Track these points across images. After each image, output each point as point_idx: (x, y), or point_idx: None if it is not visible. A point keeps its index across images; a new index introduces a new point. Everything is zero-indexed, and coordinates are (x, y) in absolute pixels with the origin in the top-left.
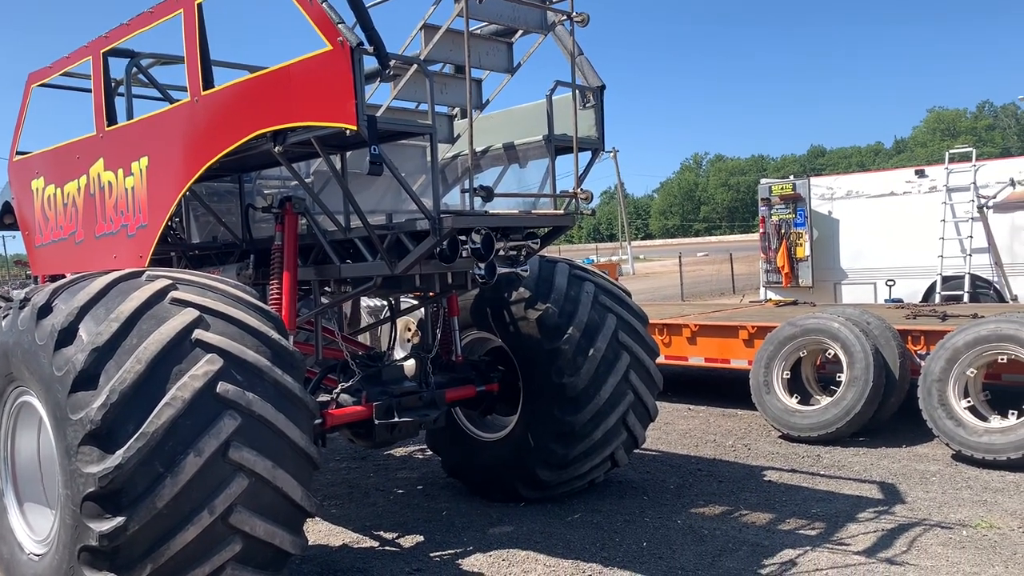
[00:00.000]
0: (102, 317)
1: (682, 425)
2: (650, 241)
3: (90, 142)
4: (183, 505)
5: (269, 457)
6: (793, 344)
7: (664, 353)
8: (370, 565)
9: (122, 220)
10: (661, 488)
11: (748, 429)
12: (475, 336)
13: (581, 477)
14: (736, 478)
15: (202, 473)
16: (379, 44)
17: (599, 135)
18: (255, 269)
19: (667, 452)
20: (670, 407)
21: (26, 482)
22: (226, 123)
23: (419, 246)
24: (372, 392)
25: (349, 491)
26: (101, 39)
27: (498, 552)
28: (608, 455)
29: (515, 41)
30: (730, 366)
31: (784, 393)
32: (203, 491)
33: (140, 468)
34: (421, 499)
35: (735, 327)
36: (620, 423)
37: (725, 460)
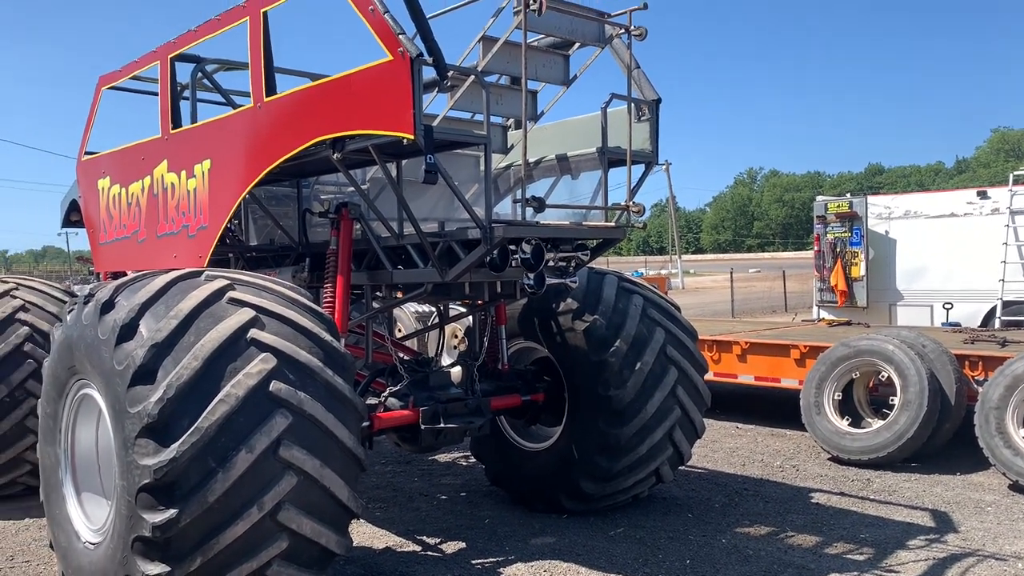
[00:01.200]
0: (162, 314)
1: (729, 443)
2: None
3: (155, 144)
4: (233, 500)
5: (318, 456)
6: (846, 365)
7: (713, 370)
8: (412, 570)
9: (183, 221)
10: (706, 506)
11: (797, 450)
12: (522, 345)
13: (625, 491)
14: (783, 499)
15: (252, 469)
16: (438, 55)
17: (653, 148)
18: (310, 272)
19: (713, 470)
20: (718, 424)
21: (84, 472)
22: (287, 129)
23: (470, 254)
24: (419, 397)
25: (393, 494)
26: (169, 44)
27: (540, 563)
28: (653, 470)
29: (572, 53)
30: (780, 385)
31: (835, 415)
32: (253, 487)
33: (193, 462)
34: (464, 506)
35: (787, 346)
36: (666, 438)
37: (772, 480)
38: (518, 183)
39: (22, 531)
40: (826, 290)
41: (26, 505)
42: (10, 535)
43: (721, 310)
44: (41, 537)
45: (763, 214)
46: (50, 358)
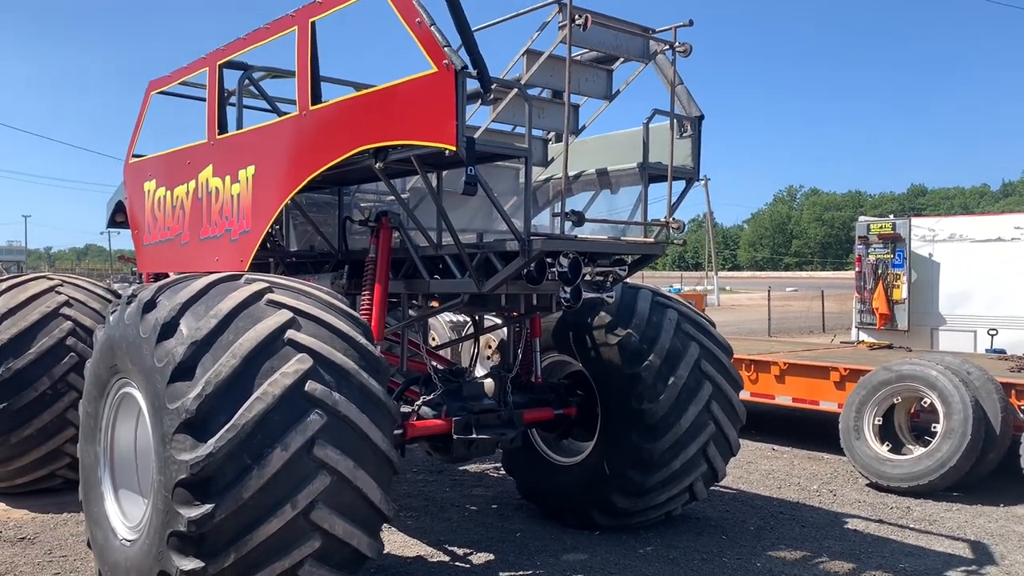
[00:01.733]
0: (202, 314)
1: (765, 465)
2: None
3: (201, 149)
4: (267, 497)
5: (351, 457)
6: (887, 390)
7: (750, 390)
8: None
9: (226, 225)
10: (741, 528)
11: (834, 474)
12: (556, 359)
13: (658, 507)
14: (820, 524)
15: (287, 467)
16: (483, 68)
17: (695, 165)
18: (348, 279)
19: (748, 492)
20: (753, 446)
21: (122, 470)
22: (331, 138)
23: (507, 266)
24: (452, 407)
25: (425, 504)
26: (218, 52)
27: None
28: (687, 487)
29: (615, 68)
30: (819, 408)
31: (875, 440)
32: (287, 485)
33: (229, 458)
34: (495, 518)
35: (826, 368)
36: (700, 454)
37: (809, 504)
38: (557, 196)
39: (60, 526)
40: (866, 312)
41: (64, 500)
42: (48, 529)
43: (757, 329)
44: (78, 532)
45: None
46: (93, 358)
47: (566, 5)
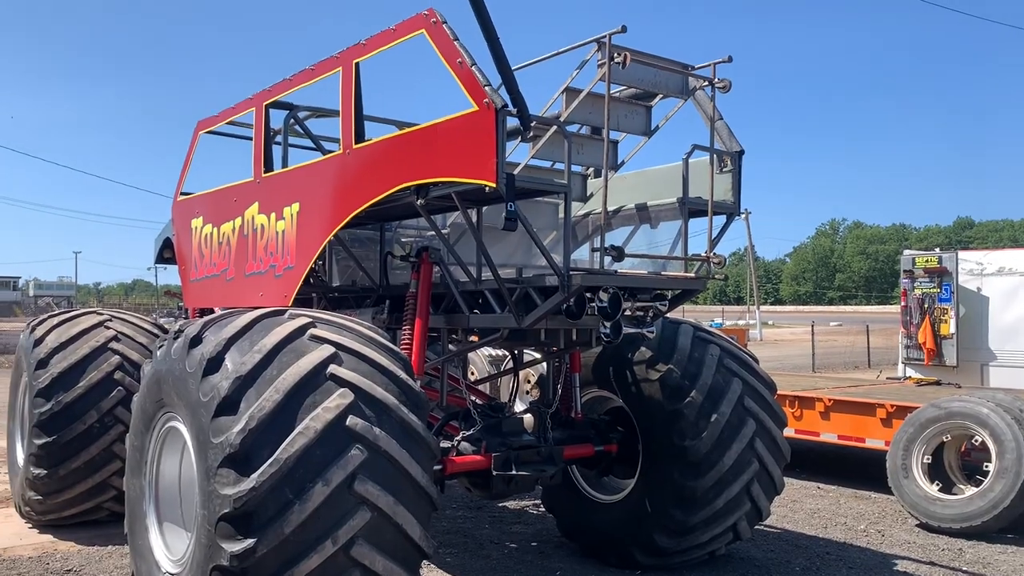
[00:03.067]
0: (246, 349)
1: (810, 504)
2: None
3: (247, 187)
4: (308, 533)
5: (391, 492)
6: (936, 427)
7: (795, 426)
8: None
9: (271, 260)
10: (786, 569)
11: (882, 514)
12: (596, 394)
13: (701, 547)
14: (868, 565)
15: (328, 503)
16: (523, 106)
17: (735, 200)
18: (389, 314)
19: (793, 531)
20: (798, 484)
21: (167, 504)
22: (374, 175)
23: (547, 301)
24: (492, 443)
25: (464, 541)
26: (264, 92)
27: None
28: (730, 526)
29: (654, 104)
30: (865, 445)
31: (924, 479)
32: (328, 520)
33: (272, 493)
34: (535, 556)
35: (872, 404)
36: (744, 492)
37: (856, 545)
38: (596, 231)
39: (104, 558)
40: (913, 347)
41: (109, 532)
42: (93, 561)
43: (801, 364)
44: (123, 565)
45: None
46: (140, 392)
47: (605, 44)
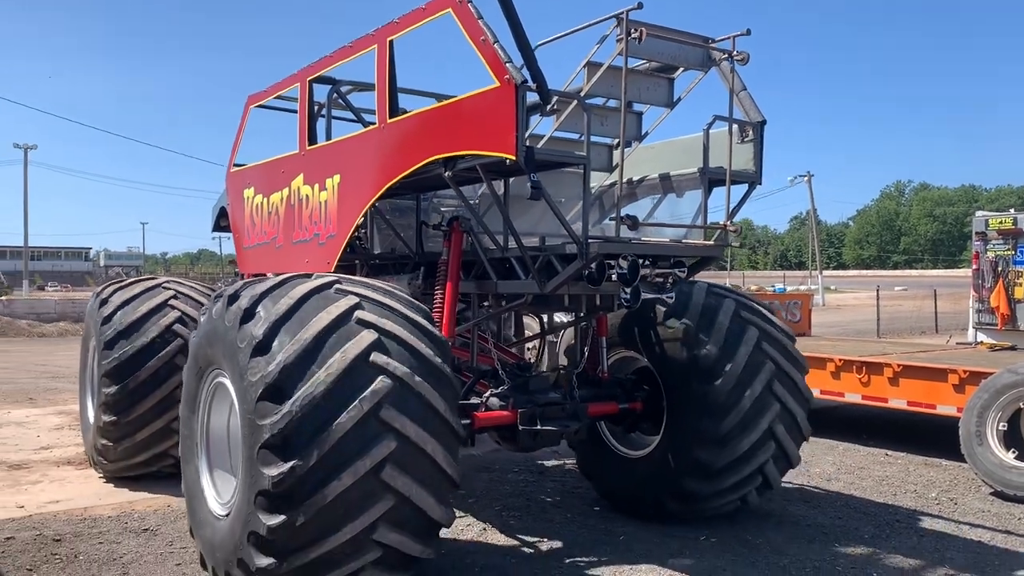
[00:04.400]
0: (278, 299)
1: (878, 471)
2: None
3: (293, 159)
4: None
5: (417, 422)
6: (1012, 394)
7: (862, 392)
8: None
9: (315, 229)
10: (854, 536)
11: (954, 481)
12: (623, 355)
13: (731, 490)
14: (940, 534)
15: (356, 429)
16: (542, 82)
17: (757, 169)
18: (424, 280)
19: (861, 498)
20: (865, 451)
21: (217, 453)
22: (406, 148)
23: (567, 268)
24: (519, 399)
25: (527, 504)
26: (308, 68)
27: (630, 569)
28: (757, 468)
29: (677, 76)
30: (936, 412)
31: (999, 446)
32: (357, 446)
33: (304, 421)
34: (597, 520)
35: (944, 370)
36: (767, 433)
37: (927, 513)
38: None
39: (179, 519)
40: (985, 311)
41: None
42: (169, 522)
43: (865, 329)
44: None
45: (911, 229)
46: (189, 357)
47: (623, 19)
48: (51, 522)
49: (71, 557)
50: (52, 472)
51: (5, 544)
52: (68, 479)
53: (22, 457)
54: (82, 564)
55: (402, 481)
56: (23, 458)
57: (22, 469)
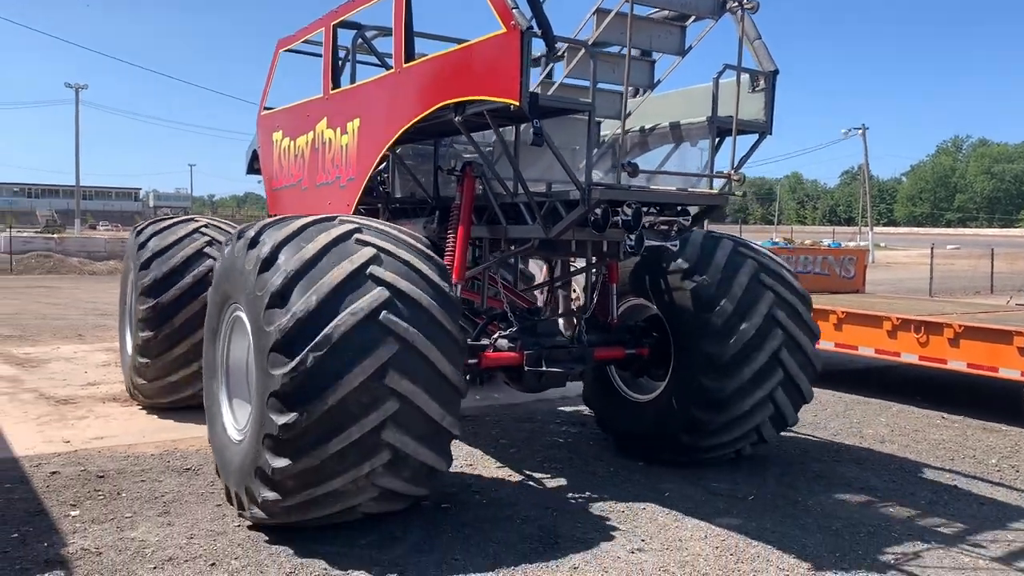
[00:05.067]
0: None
1: (934, 435)
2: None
3: (318, 103)
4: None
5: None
6: None
7: (918, 353)
8: (590, 536)
9: (336, 172)
10: (910, 501)
11: (1016, 448)
12: (635, 302)
13: (724, 446)
14: (1002, 502)
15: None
16: (547, 27)
17: (767, 119)
18: (439, 224)
19: (915, 461)
20: (920, 413)
21: (235, 382)
22: (419, 93)
23: (570, 214)
24: (527, 342)
25: (570, 456)
26: (332, 13)
27: (725, 544)
28: (753, 427)
29: (688, 25)
30: (998, 375)
31: None
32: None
33: (312, 375)
34: (641, 475)
35: (1009, 332)
36: (767, 399)
37: (987, 479)
38: (634, 148)
39: None
40: None
41: None
42: (211, 461)
43: (916, 288)
44: None
45: (967, 186)
46: (211, 287)
47: None
48: (95, 458)
49: (113, 494)
50: (98, 408)
51: (50, 479)
52: (113, 415)
53: (69, 392)
54: (124, 501)
55: (402, 439)
56: (70, 393)
57: (69, 404)
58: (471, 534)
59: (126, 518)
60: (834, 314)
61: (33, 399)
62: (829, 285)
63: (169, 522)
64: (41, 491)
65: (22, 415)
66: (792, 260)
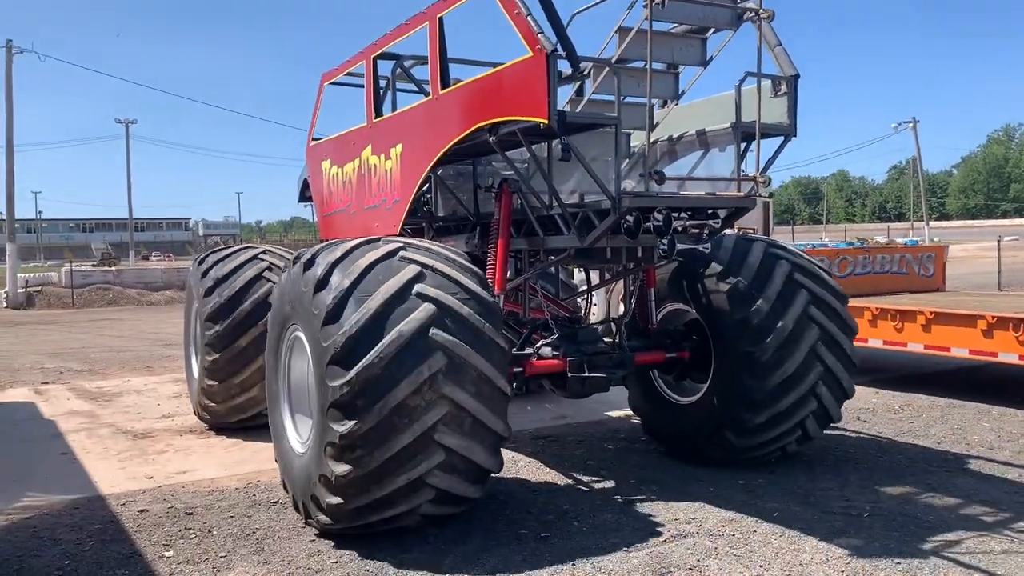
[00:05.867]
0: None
1: None
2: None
3: (362, 131)
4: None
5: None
6: None
7: (1020, 352)
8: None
9: (382, 196)
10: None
11: None
12: (674, 307)
13: (769, 443)
14: None
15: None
16: (571, 50)
17: (791, 122)
18: (480, 239)
19: (1006, 463)
20: (1021, 415)
21: (297, 398)
22: (455, 117)
23: (603, 222)
24: (569, 349)
25: (663, 477)
26: (371, 46)
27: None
28: (797, 424)
29: (709, 36)
30: None
31: None
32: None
33: (368, 385)
34: (743, 495)
35: None
36: (809, 394)
37: None
38: (664, 156)
39: None
40: None
41: None
42: None
43: (982, 283)
44: None
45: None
46: (272, 309)
47: None
48: (180, 494)
49: (204, 532)
50: (176, 441)
51: (139, 517)
52: (191, 448)
53: (145, 426)
54: (216, 539)
55: (454, 440)
56: (146, 427)
57: (147, 438)
58: (581, 565)
59: (221, 558)
60: (922, 315)
61: (111, 434)
62: (908, 285)
63: (264, 560)
64: (132, 531)
65: (103, 451)
66: (869, 260)
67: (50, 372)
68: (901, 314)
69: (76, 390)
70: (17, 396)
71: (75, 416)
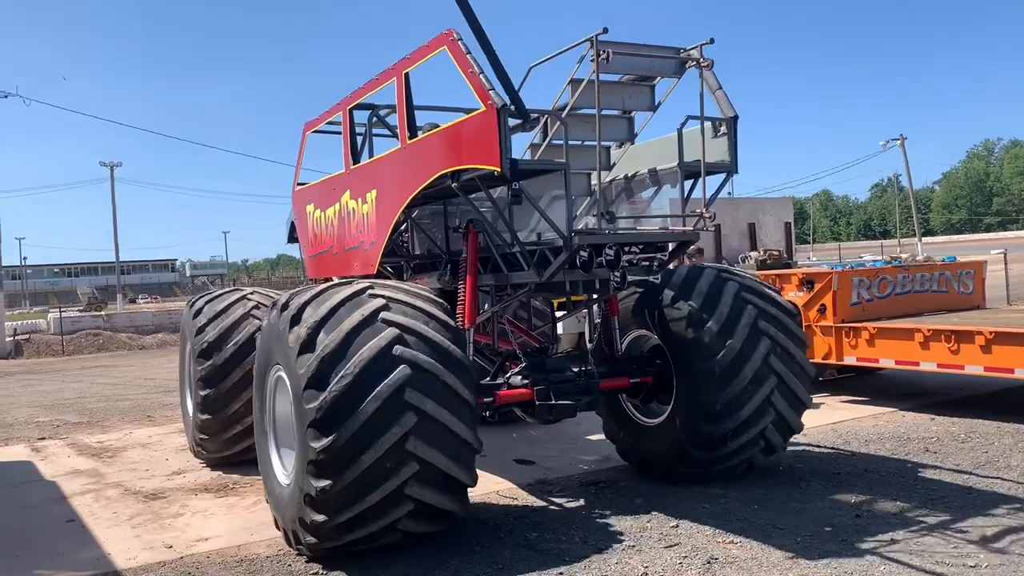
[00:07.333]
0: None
1: None
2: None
3: (342, 177)
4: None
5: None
6: None
7: None
8: None
9: (361, 237)
10: None
11: None
12: (637, 334)
13: (733, 455)
14: None
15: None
16: (519, 104)
17: (732, 160)
18: (451, 275)
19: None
20: None
21: (282, 434)
22: (421, 165)
23: (557, 259)
24: (536, 378)
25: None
26: (347, 98)
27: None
28: (758, 434)
29: (656, 83)
30: None
31: None
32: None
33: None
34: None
35: None
36: (766, 403)
37: None
38: (620, 195)
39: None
40: None
41: None
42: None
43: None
44: (366, 564)
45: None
46: (256, 353)
47: (594, 42)
48: (206, 565)
49: None
50: (192, 502)
51: None
52: (211, 510)
53: (156, 485)
54: None
55: (425, 449)
56: (157, 486)
57: (160, 499)
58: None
59: None
60: (980, 335)
61: (119, 495)
62: (948, 303)
63: None
64: None
65: (113, 516)
66: (909, 279)
67: (46, 426)
68: (956, 335)
69: (76, 445)
70: (13, 455)
71: (78, 476)
